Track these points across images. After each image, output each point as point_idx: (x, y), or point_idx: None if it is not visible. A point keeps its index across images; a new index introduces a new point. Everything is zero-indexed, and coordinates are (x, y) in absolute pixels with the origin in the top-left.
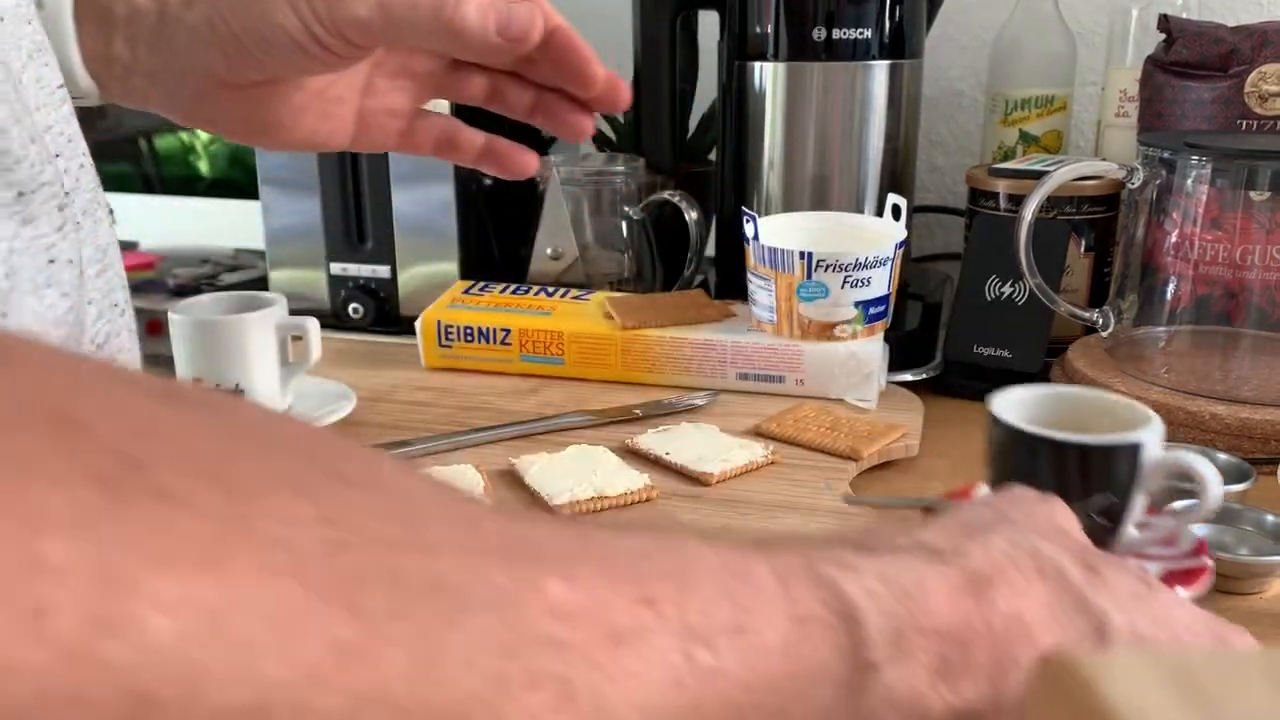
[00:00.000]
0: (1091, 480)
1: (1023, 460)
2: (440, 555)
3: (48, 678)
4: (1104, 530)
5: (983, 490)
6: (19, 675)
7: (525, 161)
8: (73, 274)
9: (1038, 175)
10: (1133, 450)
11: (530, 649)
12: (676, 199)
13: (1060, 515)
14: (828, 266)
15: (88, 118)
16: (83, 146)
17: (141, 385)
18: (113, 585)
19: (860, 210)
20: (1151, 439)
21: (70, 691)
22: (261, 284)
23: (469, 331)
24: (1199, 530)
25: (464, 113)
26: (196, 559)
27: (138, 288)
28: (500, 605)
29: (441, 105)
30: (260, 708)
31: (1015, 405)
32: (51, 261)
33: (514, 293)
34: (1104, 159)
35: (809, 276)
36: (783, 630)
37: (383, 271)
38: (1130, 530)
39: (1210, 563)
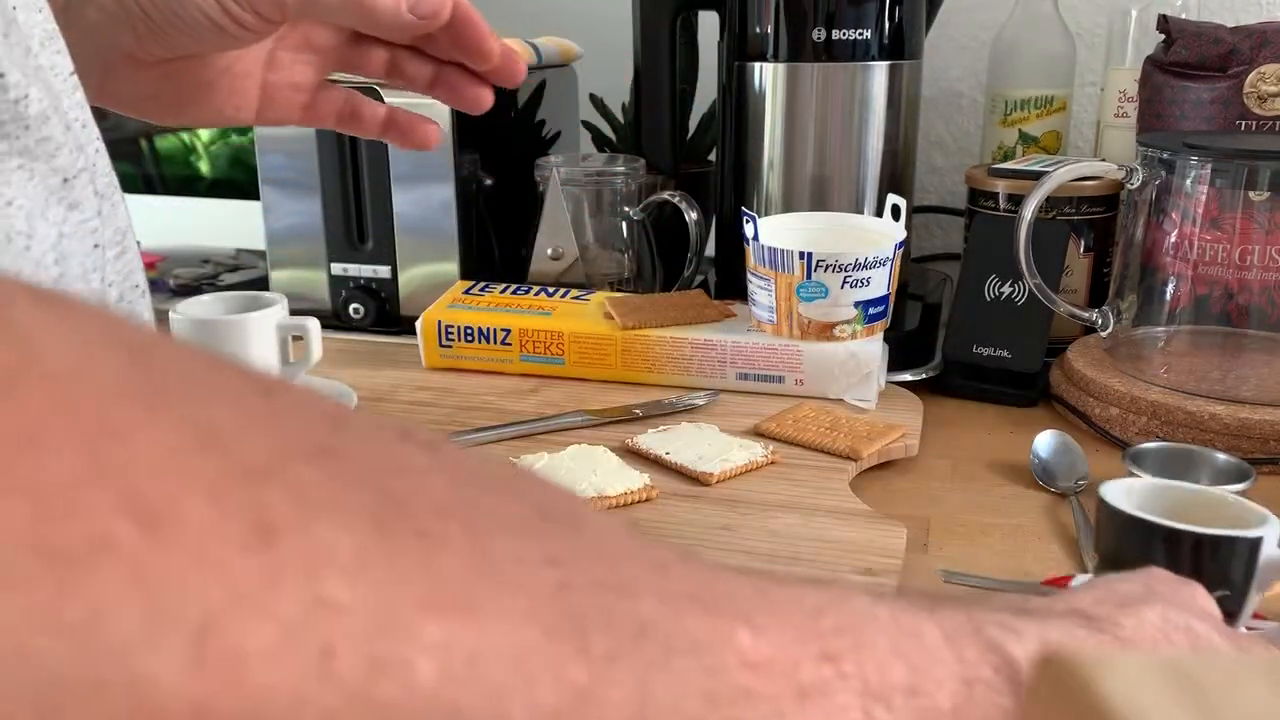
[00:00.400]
0: (1205, 573)
1: (1135, 548)
2: (641, 598)
3: (332, 717)
4: None
5: (1083, 579)
6: (307, 715)
7: (428, 133)
8: (104, 258)
9: (1037, 175)
10: (1250, 546)
11: (727, 698)
12: (676, 199)
13: (1201, 597)
14: (827, 266)
15: None
16: (96, 132)
17: (373, 419)
18: (389, 627)
19: (860, 210)
20: (1271, 536)
21: None
22: (262, 284)
23: (469, 331)
24: None
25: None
26: (456, 601)
27: None
28: (699, 652)
29: (442, 113)
30: None
31: (1125, 495)
32: (96, 246)
33: (514, 293)
34: (1103, 159)
35: (809, 276)
36: (952, 692)
37: (383, 272)
38: (1241, 630)
39: None
